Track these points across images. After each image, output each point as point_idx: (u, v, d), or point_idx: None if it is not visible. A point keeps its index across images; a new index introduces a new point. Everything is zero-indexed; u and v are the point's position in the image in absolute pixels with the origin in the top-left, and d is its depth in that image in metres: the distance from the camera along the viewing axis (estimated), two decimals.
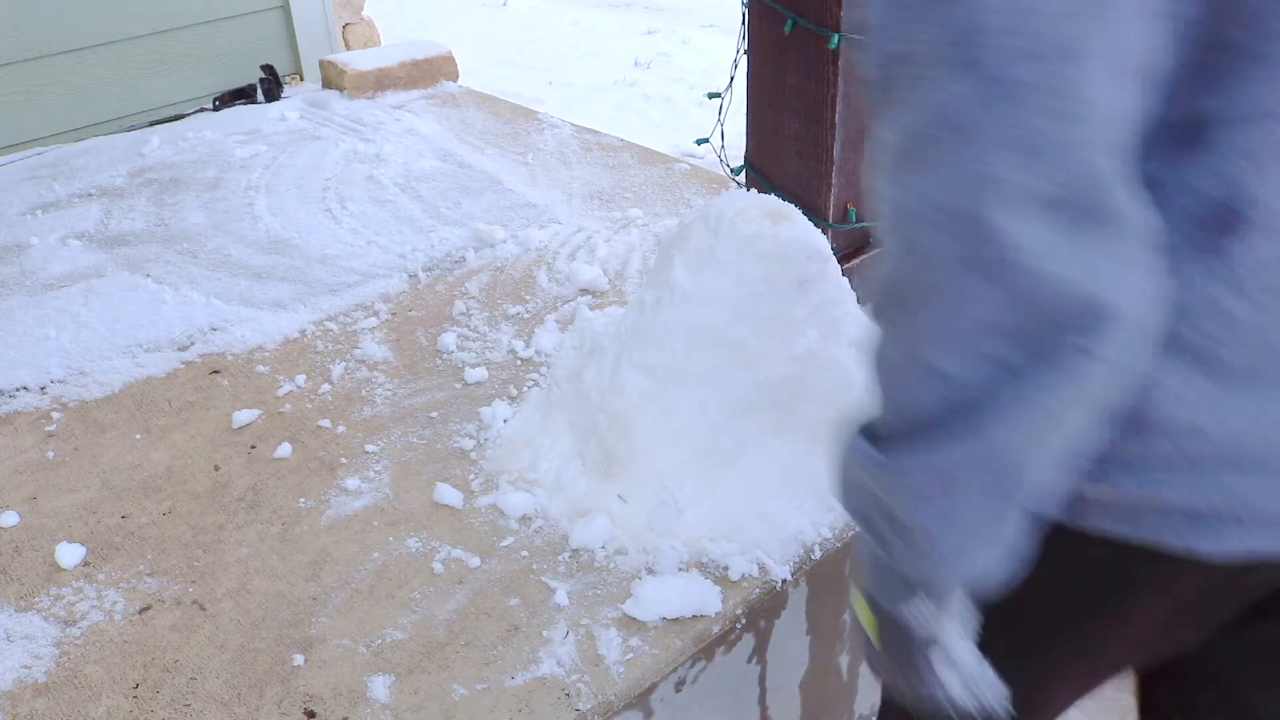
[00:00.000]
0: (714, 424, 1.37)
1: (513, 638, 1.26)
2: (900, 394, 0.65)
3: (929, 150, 0.58)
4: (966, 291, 0.58)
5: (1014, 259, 0.56)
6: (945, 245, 0.58)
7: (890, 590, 0.74)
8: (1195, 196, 0.64)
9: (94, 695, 1.22)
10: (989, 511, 0.64)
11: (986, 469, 0.62)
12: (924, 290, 0.61)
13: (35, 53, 2.87)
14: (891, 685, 0.83)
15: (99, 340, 1.91)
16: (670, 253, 1.40)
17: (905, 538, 0.67)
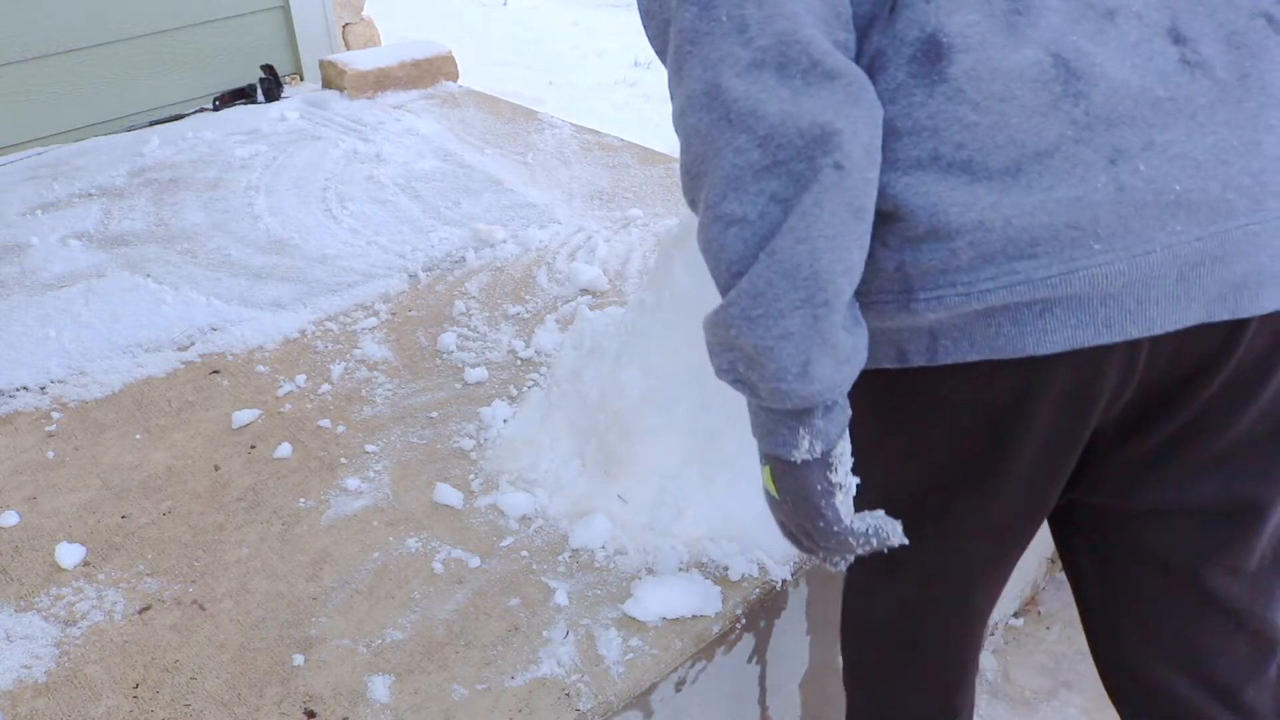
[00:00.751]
0: (714, 424, 1.37)
1: (513, 638, 1.26)
2: (719, 254, 0.77)
3: (683, 62, 0.78)
4: (727, 144, 0.75)
5: (749, 107, 0.74)
6: (704, 118, 0.76)
7: (773, 436, 0.84)
8: (907, 43, 0.79)
9: (94, 695, 1.22)
10: (807, 317, 0.76)
11: (787, 278, 0.75)
12: (703, 159, 0.77)
13: (35, 53, 2.87)
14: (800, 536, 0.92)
15: (99, 340, 1.91)
16: (670, 253, 1.40)
17: (754, 364, 0.79)
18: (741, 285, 0.77)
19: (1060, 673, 1.75)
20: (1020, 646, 1.80)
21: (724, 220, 0.76)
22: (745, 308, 0.77)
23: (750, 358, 0.79)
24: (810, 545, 0.93)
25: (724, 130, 0.75)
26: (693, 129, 0.77)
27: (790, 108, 0.74)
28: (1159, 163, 0.77)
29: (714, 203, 0.76)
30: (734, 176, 0.75)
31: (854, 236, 0.77)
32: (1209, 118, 0.78)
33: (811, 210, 0.74)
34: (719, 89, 0.75)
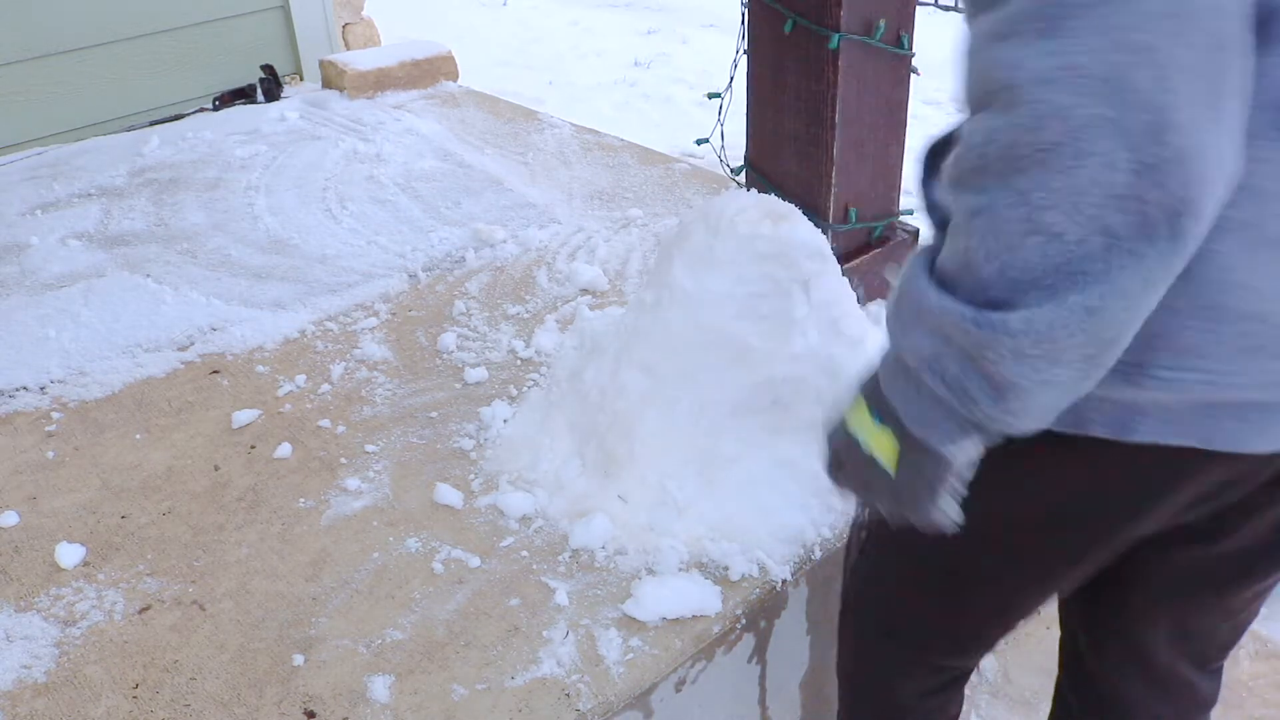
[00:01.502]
0: (714, 424, 1.37)
1: (513, 638, 1.26)
2: (1002, 252, 0.66)
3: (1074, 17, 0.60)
4: (1100, 153, 0.60)
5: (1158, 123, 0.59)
6: (1085, 106, 0.60)
7: (940, 430, 0.76)
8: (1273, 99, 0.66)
9: (94, 695, 1.22)
10: (1079, 372, 0.68)
11: (1094, 338, 0.65)
12: (1050, 148, 0.62)
13: (35, 53, 2.87)
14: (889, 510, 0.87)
15: (99, 340, 1.91)
16: (670, 253, 1.40)
17: (995, 392, 0.70)
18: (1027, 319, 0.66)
19: None
20: (1020, 646, 1.79)
21: (1032, 225, 0.64)
22: (1022, 344, 0.66)
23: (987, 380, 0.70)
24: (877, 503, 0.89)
25: (1107, 135, 0.60)
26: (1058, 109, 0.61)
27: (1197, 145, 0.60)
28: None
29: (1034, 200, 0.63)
30: (1081, 189, 0.62)
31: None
32: None
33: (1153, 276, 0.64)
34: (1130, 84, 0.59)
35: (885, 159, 1.84)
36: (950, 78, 0.84)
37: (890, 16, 1.69)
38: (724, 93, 2.15)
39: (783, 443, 1.40)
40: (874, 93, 1.74)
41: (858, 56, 1.67)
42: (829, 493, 1.41)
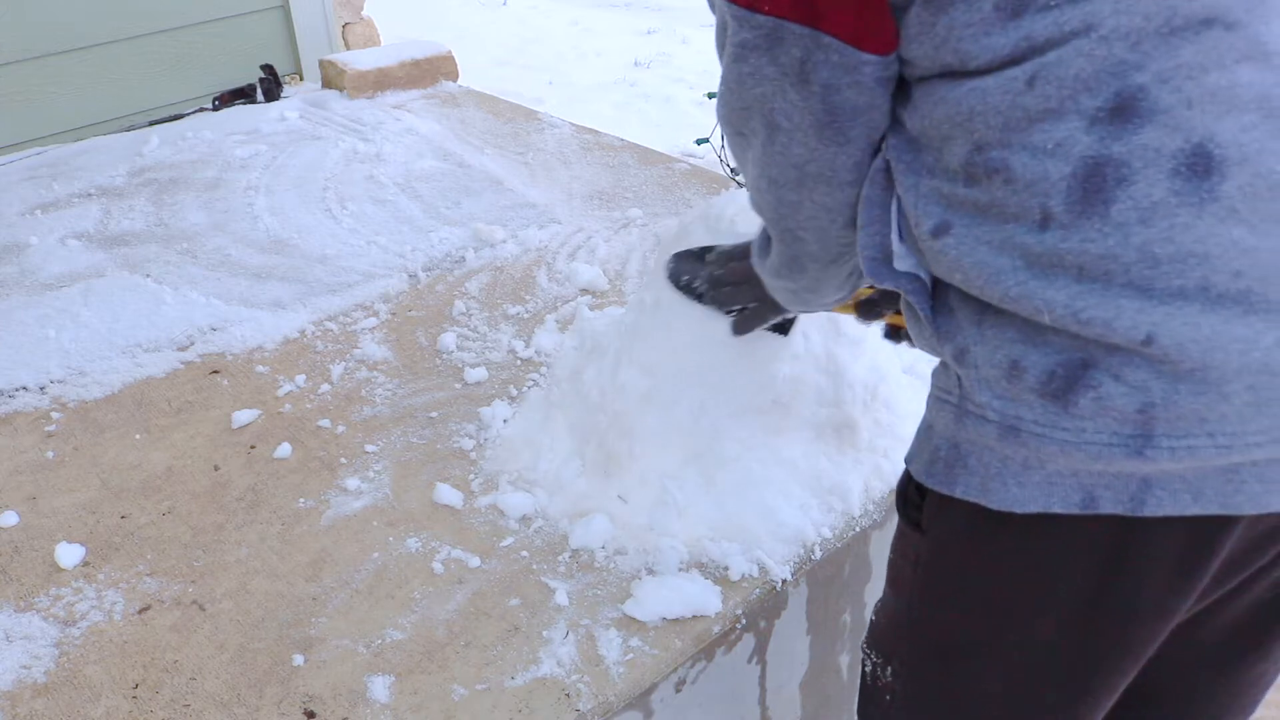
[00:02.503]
0: (714, 424, 1.36)
1: (513, 638, 1.26)
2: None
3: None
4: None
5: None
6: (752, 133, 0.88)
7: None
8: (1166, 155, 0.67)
9: (93, 696, 1.22)
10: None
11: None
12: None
13: (35, 53, 2.86)
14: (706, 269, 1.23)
15: (98, 340, 1.91)
16: (670, 252, 1.40)
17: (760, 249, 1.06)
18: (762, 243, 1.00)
19: None
20: None
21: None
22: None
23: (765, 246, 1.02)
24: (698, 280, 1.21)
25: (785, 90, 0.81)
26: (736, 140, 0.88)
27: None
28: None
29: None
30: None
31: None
32: None
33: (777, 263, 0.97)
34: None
35: None
36: None
37: None
38: None
39: (783, 443, 1.40)
40: None
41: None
42: (829, 492, 1.41)
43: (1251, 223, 0.67)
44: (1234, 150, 0.66)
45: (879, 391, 1.43)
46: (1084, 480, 0.73)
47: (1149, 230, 0.67)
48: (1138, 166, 0.67)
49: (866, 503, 1.43)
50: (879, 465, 1.44)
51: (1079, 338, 0.71)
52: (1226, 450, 0.70)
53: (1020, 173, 0.70)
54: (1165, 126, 0.67)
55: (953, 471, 0.80)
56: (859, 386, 1.41)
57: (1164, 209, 0.67)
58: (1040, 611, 0.83)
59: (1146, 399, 0.69)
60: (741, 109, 0.84)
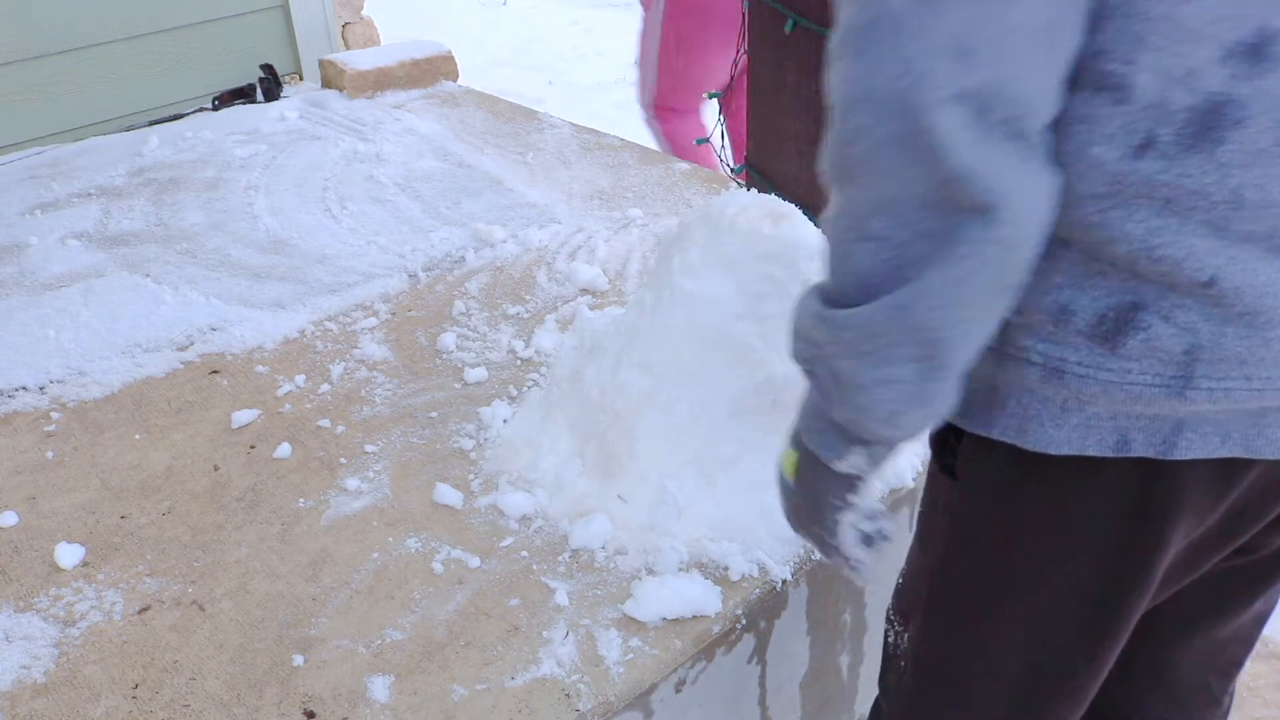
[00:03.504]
0: (714, 424, 1.36)
1: (513, 638, 1.26)
2: (845, 258, 0.73)
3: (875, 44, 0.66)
4: (896, 170, 0.67)
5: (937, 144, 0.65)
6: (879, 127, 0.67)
7: (821, 436, 0.81)
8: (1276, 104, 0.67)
9: (93, 696, 1.22)
10: (918, 372, 0.71)
11: (908, 333, 0.70)
12: (861, 163, 0.69)
13: (34, 52, 2.86)
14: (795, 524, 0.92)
15: (98, 340, 1.91)
16: (670, 252, 1.40)
17: (839, 386, 0.75)
18: (858, 316, 0.71)
19: None
20: None
21: (861, 232, 0.70)
22: (854, 340, 0.72)
23: (839, 379, 0.75)
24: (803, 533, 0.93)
25: (898, 153, 0.67)
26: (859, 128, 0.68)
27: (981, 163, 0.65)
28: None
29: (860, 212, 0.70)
30: (893, 199, 0.68)
31: (993, 312, 0.72)
32: None
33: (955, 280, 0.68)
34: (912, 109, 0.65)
35: None
36: None
37: None
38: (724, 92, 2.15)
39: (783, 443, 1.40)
40: None
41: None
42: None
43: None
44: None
45: None
46: (1120, 423, 0.76)
47: (1246, 174, 0.68)
48: (1255, 111, 0.67)
49: None
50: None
51: (1136, 277, 0.72)
52: (1259, 393, 0.73)
53: (1139, 94, 0.68)
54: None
55: (990, 413, 0.82)
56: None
57: (1266, 157, 0.68)
58: (1070, 553, 0.86)
59: (1194, 340, 0.72)
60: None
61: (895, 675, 1.09)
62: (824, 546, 0.87)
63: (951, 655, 0.97)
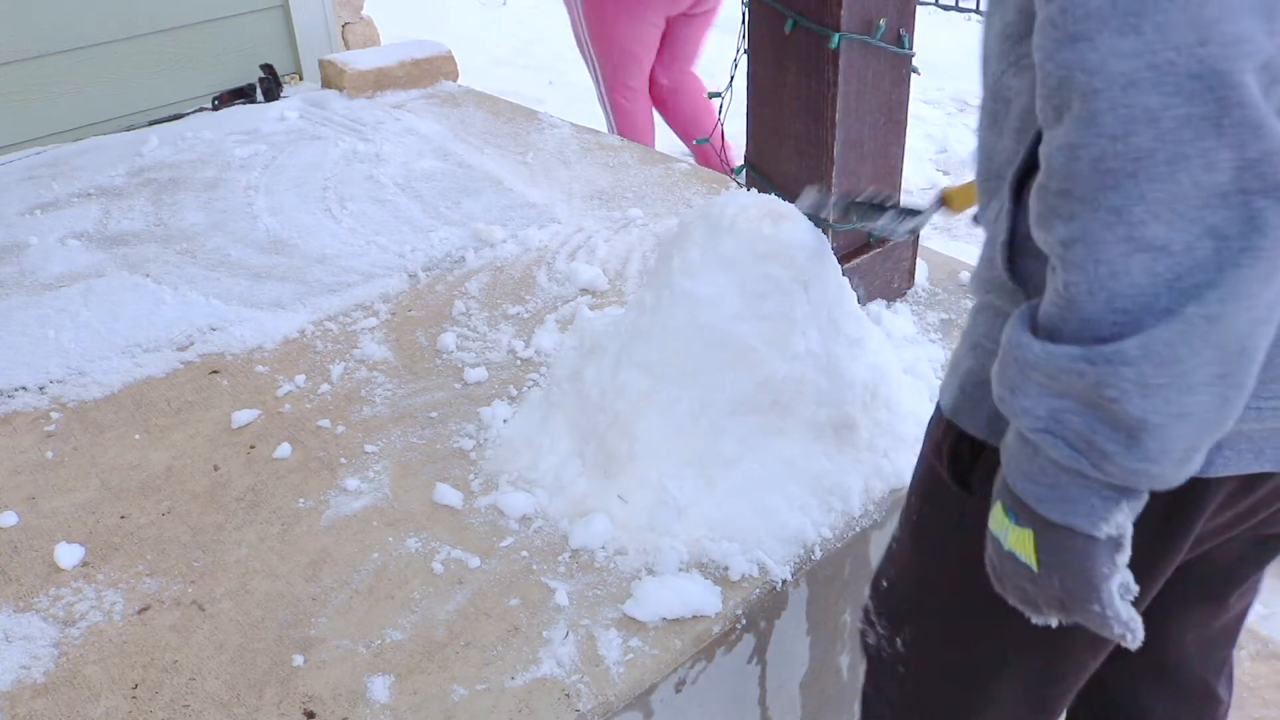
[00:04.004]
0: (714, 424, 1.36)
1: (513, 638, 1.26)
2: (1106, 280, 0.60)
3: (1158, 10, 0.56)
4: (1200, 155, 0.57)
5: (1254, 118, 0.56)
6: (1178, 107, 0.56)
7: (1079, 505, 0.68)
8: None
9: (93, 696, 1.22)
10: (1217, 397, 0.61)
11: (1217, 349, 0.60)
12: (1143, 158, 0.58)
13: (34, 52, 2.86)
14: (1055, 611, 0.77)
15: (98, 340, 1.91)
16: (670, 252, 1.40)
17: (1128, 438, 0.63)
18: (1144, 343, 0.60)
19: None
20: None
21: (1135, 244, 0.59)
22: (1145, 373, 0.60)
23: (1115, 426, 0.63)
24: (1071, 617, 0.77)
25: (1205, 135, 0.57)
26: (1146, 114, 0.57)
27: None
28: None
29: (1133, 216, 0.59)
30: (1181, 195, 0.58)
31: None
32: None
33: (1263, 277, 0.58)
34: (1225, 80, 0.56)
35: (885, 159, 1.84)
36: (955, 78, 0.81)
37: (890, 16, 1.69)
38: (724, 93, 2.15)
39: (783, 443, 1.40)
40: (874, 92, 1.74)
41: (858, 56, 1.67)
42: (829, 492, 1.41)
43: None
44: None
45: (879, 391, 1.43)
46: None
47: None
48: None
49: (867, 503, 1.43)
50: (879, 465, 1.44)
51: None
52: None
53: None
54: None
55: None
56: (859, 386, 1.41)
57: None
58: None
59: None
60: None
61: (894, 681, 1.06)
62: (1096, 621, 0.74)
63: (973, 664, 0.96)
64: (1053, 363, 0.64)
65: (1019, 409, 0.68)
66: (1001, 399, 0.70)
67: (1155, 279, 0.59)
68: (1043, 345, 0.65)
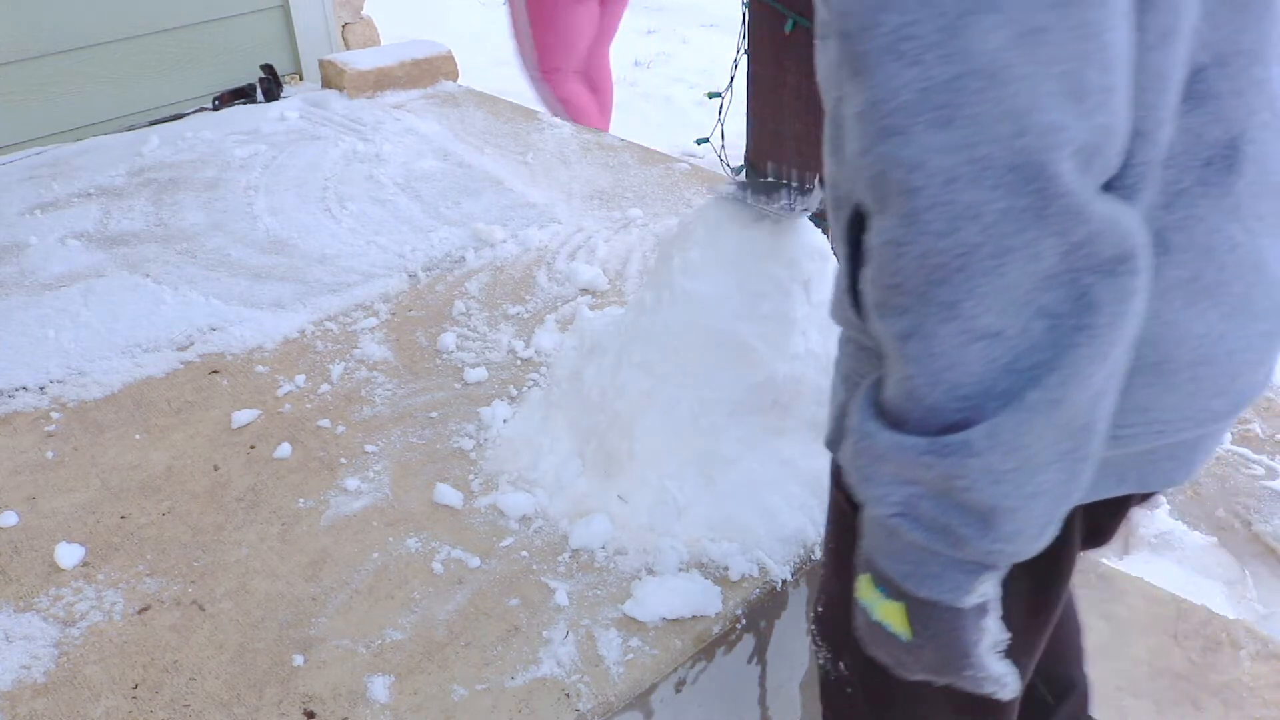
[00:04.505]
0: (714, 424, 1.36)
1: (513, 638, 1.26)
2: (943, 371, 0.60)
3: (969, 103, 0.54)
4: (1025, 246, 0.56)
5: (1075, 205, 0.55)
6: (998, 201, 0.55)
7: (936, 580, 0.68)
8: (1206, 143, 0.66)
9: (93, 696, 1.22)
10: (1064, 472, 0.62)
11: (1060, 429, 0.60)
12: (970, 253, 0.57)
13: (35, 52, 2.86)
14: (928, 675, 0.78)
15: (98, 340, 1.91)
16: (670, 252, 1.40)
17: (981, 522, 0.63)
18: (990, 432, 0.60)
19: None
20: None
21: (971, 334, 0.59)
22: (992, 462, 0.60)
23: (969, 512, 0.63)
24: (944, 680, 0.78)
25: (1028, 226, 0.56)
26: (968, 209, 0.56)
27: (1111, 210, 0.57)
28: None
29: (966, 311, 0.58)
30: (1010, 284, 0.57)
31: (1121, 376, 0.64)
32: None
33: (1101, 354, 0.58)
34: (1043, 171, 0.55)
35: None
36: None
37: None
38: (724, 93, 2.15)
39: (783, 443, 1.40)
40: None
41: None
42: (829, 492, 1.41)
43: (1246, 222, 0.68)
44: (1253, 148, 0.67)
45: None
46: None
47: (1168, 216, 0.66)
48: (1179, 152, 0.65)
49: None
50: None
51: None
52: (1159, 435, 0.73)
53: None
54: (1212, 115, 0.65)
55: None
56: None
57: (1187, 199, 0.66)
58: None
59: None
60: None
61: (844, 699, 1.06)
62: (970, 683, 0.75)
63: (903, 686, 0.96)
64: (901, 455, 0.64)
65: (872, 497, 0.68)
66: (855, 486, 0.70)
67: (993, 364, 0.59)
68: (890, 436, 0.65)
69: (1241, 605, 1.91)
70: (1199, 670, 1.72)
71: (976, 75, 0.54)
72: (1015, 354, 0.59)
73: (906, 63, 0.55)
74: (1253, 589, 1.94)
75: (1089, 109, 0.55)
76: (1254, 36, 0.66)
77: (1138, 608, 1.84)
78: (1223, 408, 0.75)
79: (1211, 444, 0.81)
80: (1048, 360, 0.58)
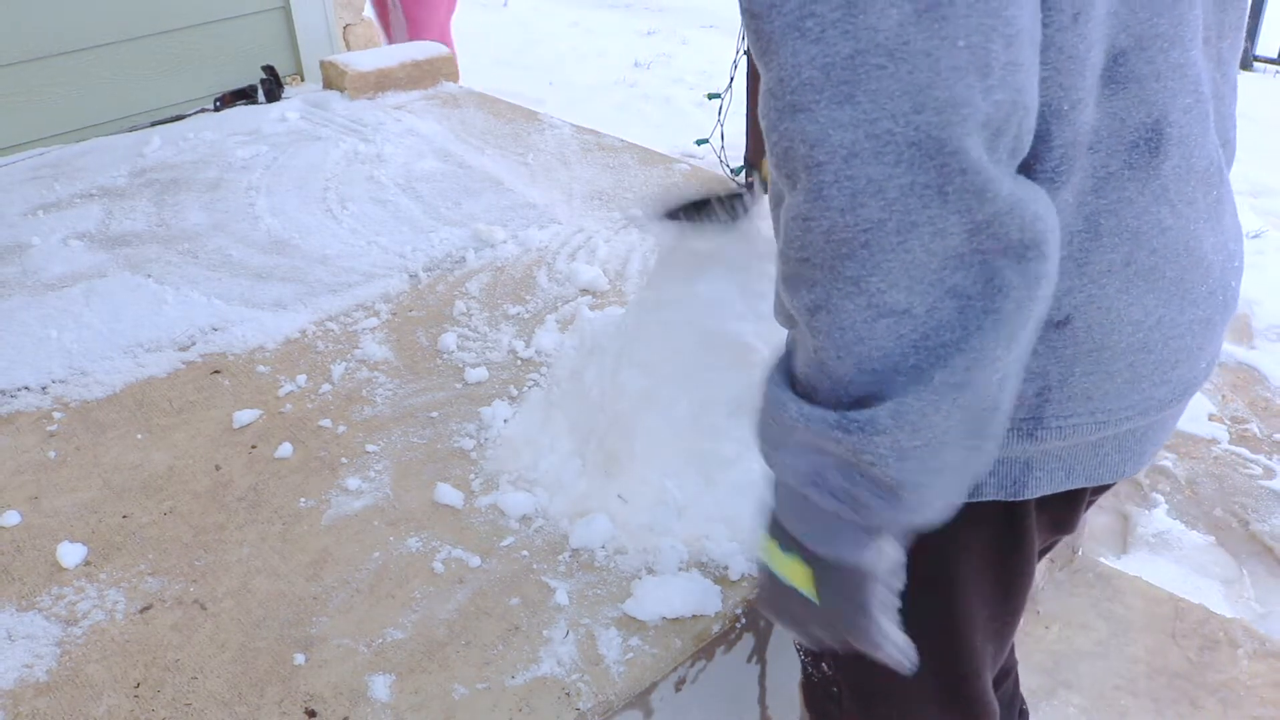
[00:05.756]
0: (714, 424, 1.37)
1: (513, 637, 1.26)
2: (853, 345, 0.60)
3: (870, 79, 0.54)
4: (928, 222, 0.56)
5: (979, 184, 0.55)
6: (900, 177, 0.55)
7: (844, 542, 0.69)
8: (1130, 126, 0.67)
9: (95, 695, 1.22)
10: (967, 451, 0.63)
11: (967, 411, 0.60)
12: (874, 229, 0.57)
13: (37, 53, 2.87)
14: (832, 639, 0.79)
15: (100, 340, 1.91)
16: (669, 255, 1.40)
17: (887, 494, 0.64)
18: (896, 411, 0.60)
19: (1059, 672, 1.75)
20: (1020, 646, 1.80)
21: (878, 309, 0.59)
22: (898, 439, 0.61)
23: (875, 484, 0.64)
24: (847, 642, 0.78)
25: (931, 203, 0.56)
26: (871, 185, 0.56)
27: (1020, 191, 0.57)
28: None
29: (872, 287, 0.58)
30: (916, 262, 0.57)
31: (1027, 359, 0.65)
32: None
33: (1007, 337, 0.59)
34: (944, 146, 0.55)
35: None
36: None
37: None
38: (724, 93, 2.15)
39: None
40: None
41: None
42: None
43: (1175, 206, 0.69)
44: (1176, 130, 0.67)
45: None
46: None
47: (1097, 201, 0.67)
48: (1104, 136, 0.66)
49: None
50: None
51: None
52: (1102, 425, 0.73)
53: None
54: (1135, 99, 0.66)
55: None
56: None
57: (1115, 182, 0.67)
58: (961, 585, 0.88)
59: (1044, 383, 0.72)
60: None
61: (834, 703, 1.07)
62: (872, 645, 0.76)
63: (885, 680, 0.97)
64: (810, 426, 0.64)
65: (781, 465, 0.69)
66: (765, 454, 0.71)
67: (901, 341, 0.59)
68: (799, 406, 0.65)
69: (1239, 604, 1.91)
70: (1197, 669, 1.72)
71: (876, 51, 0.54)
72: (924, 332, 0.59)
73: (809, 40, 0.55)
74: (1250, 588, 1.95)
75: (991, 85, 0.54)
76: (1170, 20, 0.66)
77: (1136, 607, 1.85)
78: (1166, 396, 0.75)
79: (1160, 434, 0.81)
80: (955, 341, 0.58)
